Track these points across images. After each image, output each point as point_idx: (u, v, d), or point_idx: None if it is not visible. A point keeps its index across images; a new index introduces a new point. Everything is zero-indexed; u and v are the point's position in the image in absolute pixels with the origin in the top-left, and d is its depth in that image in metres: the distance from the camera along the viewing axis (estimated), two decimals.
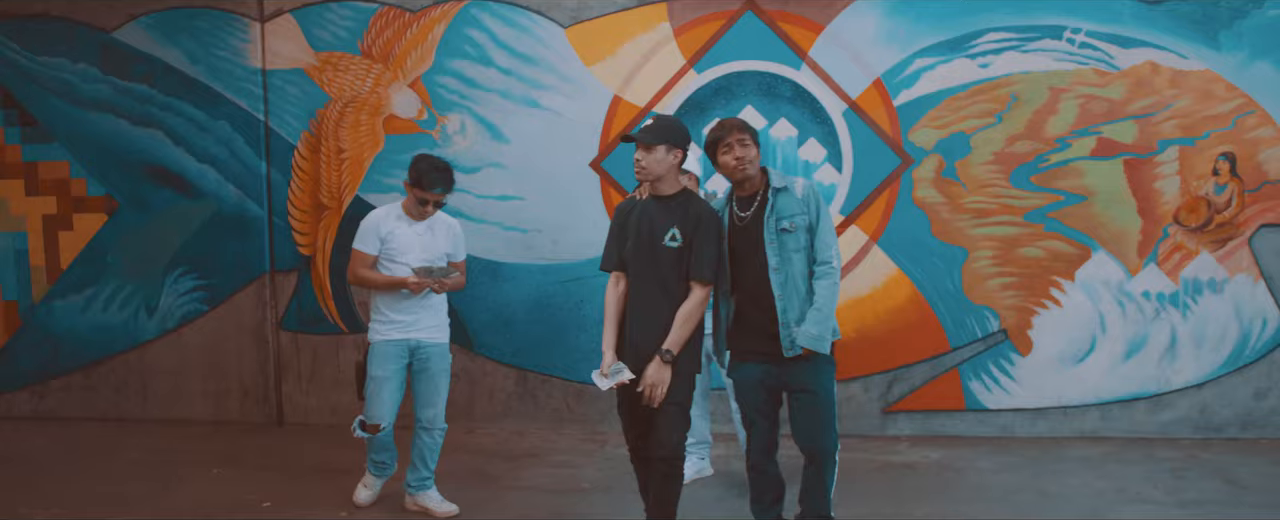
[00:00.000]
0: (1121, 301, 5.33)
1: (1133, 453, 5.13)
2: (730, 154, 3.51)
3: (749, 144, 3.52)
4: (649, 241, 3.52)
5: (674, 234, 3.50)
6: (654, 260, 3.52)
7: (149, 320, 6.00)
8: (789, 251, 3.51)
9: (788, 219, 3.51)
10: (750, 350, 3.59)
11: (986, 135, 5.29)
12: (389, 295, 4.20)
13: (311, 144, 5.77)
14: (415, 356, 4.25)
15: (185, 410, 6.02)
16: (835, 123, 5.36)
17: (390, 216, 4.22)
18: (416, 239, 4.21)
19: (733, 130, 3.52)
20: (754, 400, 3.63)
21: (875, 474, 4.90)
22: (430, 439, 4.32)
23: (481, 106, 5.59)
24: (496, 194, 5.62)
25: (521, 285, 5.64)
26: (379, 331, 4.23)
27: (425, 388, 4.28)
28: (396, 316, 4.20)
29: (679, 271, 3.51)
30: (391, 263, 4.19)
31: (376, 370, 4.20)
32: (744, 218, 3.58)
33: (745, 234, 3.56)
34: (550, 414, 5.72)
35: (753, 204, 3.57)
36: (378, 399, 4.21)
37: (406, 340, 4.22)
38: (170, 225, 5.92)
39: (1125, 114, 5.21)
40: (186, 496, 4.67)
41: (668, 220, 3.52)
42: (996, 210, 5.32)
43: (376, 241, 4.18)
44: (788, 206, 3.53)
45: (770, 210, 3.53)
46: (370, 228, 4.20)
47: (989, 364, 5.40)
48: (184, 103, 5.84)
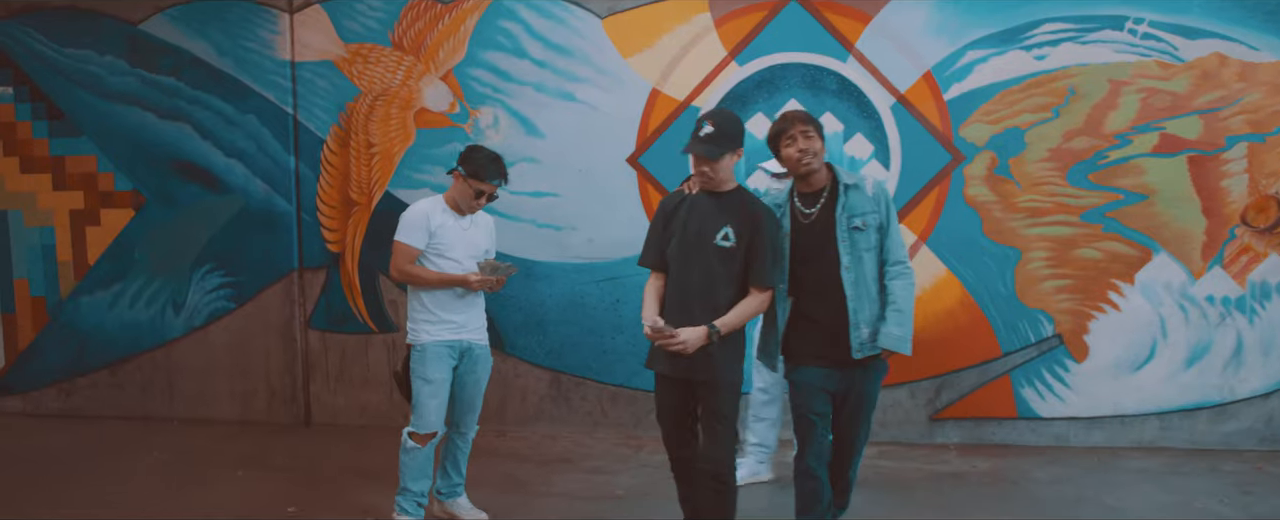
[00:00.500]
0: (1184, 306, 5.08)
1: (1195, 465, 4.89)
2: (793, 146, 3.34)
3: (813, 136, 3.35)
4: (697, 239, 3.34)
5: (727, 233, 3.32)
6: (702, 259, 3.33)
7: (176, 318, 5.91)
8: (861, 251, 3.37)
9: (859, 217, 3.37)
10: (813, 354, 3.43)
11: (1042, 131, 5.06)
12: (440, 294, 3.95)
13: (341, 138, 5.64)
14: (465, 359, 4.03)
15: (212, 410, 5.92)
16: (883, 117, 5.16)
17: (437, 209, 3.97)
18: (462, 234, 3.99)
19: (796, 122, 3.35)
20: (814, 403, 3.46)
21: (923, 484, 4.69)
22: (464, 443, 4.16)
23: (515, 100, 5.44)
24: (530, 190, 5.46)
25: (555, 284, 5.48)
26: (428, 333, 3.94)
27: (471, 391, 4.09)
28: (449, 317, 3.95)
29: (728, 272, 3.32)
30: (439, 258, 3.95)
31: (432, 374, 3.92)
32: (810, 215, 3.42)
33: (811, 232, 3.40)
34: (584, 417, 5.56)
35: (819, 201, 3.42)
36: (434, 405, 3.93)
37: (459, 342, 3.98)
38: (197, 221, 5.82)
39: (1190, 108, 4.96)
40: (208, 499, 4.55)
41: (721, 218, 3.34)
42: (1052, 209, 5.09)
43: (425, 235, 3.91)
44: (859, 204, 3.39)
45: (841, 208, 3.38)
46: (418, 220, 3.93)
47: (1042, 370, 5.18)
48: (211, 96, 5.73)
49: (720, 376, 3.34)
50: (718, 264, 3.32)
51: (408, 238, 3.92)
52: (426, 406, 3.93)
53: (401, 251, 3.93)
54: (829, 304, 3.38)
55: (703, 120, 3.32)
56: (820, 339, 3.40)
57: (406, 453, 3.97)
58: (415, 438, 3.95)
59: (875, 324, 3.38)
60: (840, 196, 3.39)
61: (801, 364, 3.46)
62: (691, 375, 3.35)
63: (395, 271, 3.97)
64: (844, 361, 3.39)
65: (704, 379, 3.35)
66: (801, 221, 3.42)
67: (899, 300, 3.39)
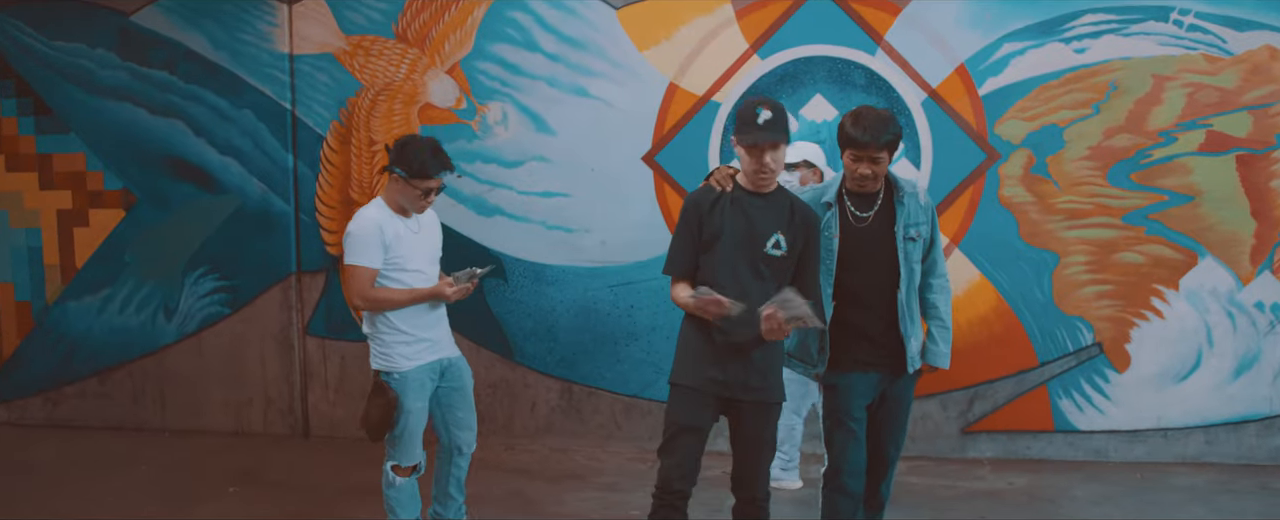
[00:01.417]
0: (1231, 313, 4.81)
1: (1244, 482, 4.62)
2: (861, 165, 3.14)
3: (883, 160, 3.15)
4: (747, 246, 3.01)
5: (778, 240, 3.03)
6: (752, 270, 3.01)
7: (168, 324, 5.65)
8: (912, 263, 3.25)
9: (914, 227, 3.24)
10: (858, 360, 3.25)
11: (1081, 128, 4.80)
12: (410, 312, 3.51)
13: (341, 135, 5.38)
14: (446, 376, 3.65)
15: (205, 421, 5.66)
16: (913, 113, 4.90)
17: (387, 218, 3.47)
18: (415, 239, 3.54)
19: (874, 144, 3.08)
20: (854, 408, 3.28)
21: (956, 502, 4.43)
22: (465, 463, 3.82)
23: (525, 95, 5.18)
24: (540, 190, 5.20)
25: (567, 289, 5.22)
26: (408, 357, 3.51)
27: (463, 409, 3.74)
28: (424, 334, 3.54)
29: (777, 284, 2.99)
30: (400, 273, 3.49)
31: (413, 403, 3.52)
32: (864, 219, 3.23)
33: (864, 237, 3.22)
34: (597, 430, 5.29)
35: (874, 205, 3.22)
36: (417, 435, 3.56)
37: (439, 361, 3.61)
38: (191, 222, 5.57)
39: (1239, 104, 4.71)
40: (196, 517, 4.28)
41: (770, 223, 3.03)
42: (1092, 211, 4.82)
43: (381, 251, 3.43)
44: (915, 214, 3.26)
45: (899, 217, 3.21)
46: (371, 235, 3.41)
47: (1081, 381, 4.92)
48: (206, 91, 5.48)
49: (773, 395, 3.07)
50: (770, 277, 3.03)
51: (364, 259, 3.42)
52: (412, 439, 3.56)
53: (361, 276, 3.42)
54: (876, 314, 3.23)
55: (756, 107, 2.99)
56: (866, 347, 3.24)
57: (391, 487, 3.61)
58: (399, 471, 3.60)
59: (920, 338, 3.30)
60: (898, 205, 3.23)
61: (843, 370, 3.25)
62: (740, 394, 3.04)
63: (358, 300, 3.45)
64: (888, 370, 3.27)
65: (756, 398, 3.05)
66: (854, 225, 3.23)
67: (944, 315, 3.33)
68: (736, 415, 3.10)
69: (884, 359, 3.25)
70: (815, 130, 4.93)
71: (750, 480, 3.11)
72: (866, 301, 3.22)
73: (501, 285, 5.27)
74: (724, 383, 3.04)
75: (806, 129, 4.94)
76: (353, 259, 3.43)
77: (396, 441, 3.56)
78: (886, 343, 3.23)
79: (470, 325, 5.25)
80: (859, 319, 3.22)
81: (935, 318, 3.31)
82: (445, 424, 3.73)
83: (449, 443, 3.76)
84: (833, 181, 3.30)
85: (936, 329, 3.30)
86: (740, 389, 3.05)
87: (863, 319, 3.22)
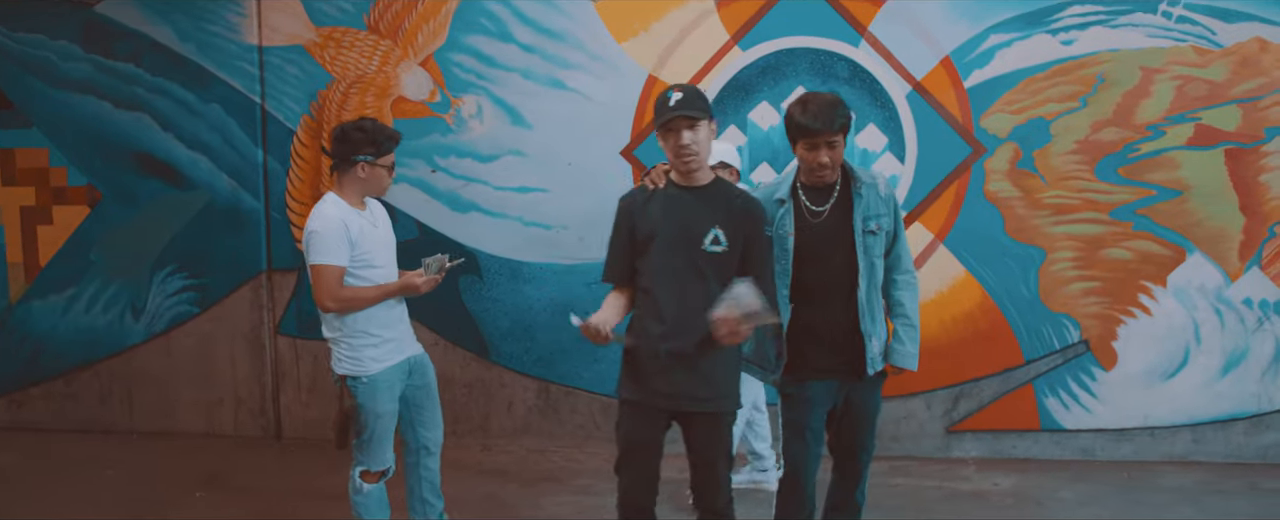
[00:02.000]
0: (1219, 310, 4.73)
1: (1233, 481, 4.55)
2: (815, 154, 2.97)
3: (838, 146, 2.99)
4: (683, 245, 2.83)
5: (717, 236, 2.83)
6: (690, 269, 2.83)
7: (135, 323, 5.50)
8: (873, 257, 3.07)
9: (874, 219, 3.07)
10: (817, 367, 3.08)
11: (1069, 121, 4.70)
12: (374, 311, 3.37)
13: (313, 129, 5.24)
14: (413, 375, 3.53)
15: (174, 422, 5.52)
16: (898, 106, 4.79)
17: (349, 214, 3.33)
18: (376, 232, 3.43)
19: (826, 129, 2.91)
20: (812, 419, 3.13)
21: (940, 504, 4.34)
22: (436, 463, 3.69)
23: (500, 87, 5.04)
24: (516, 185, 5.08)
25: (544, 287, 5.10)
26: (376, 358, 3.38)
27: (429, 407, 3.62)
28: (390, 334, 3.42)
29: (720, 284, 2.80)
30: (367, 269, 3.36)
31: (385, 407, 3.41)
32: (819, 214, 3.05)
33: (820, 233, 3.05)
34: (575, 430, 5.18)
35: (830, 198, 3.06)
36: (388, 439, 3.45)
37: (406, 360, 3.50)
38: (158, 219, 5.41)
39: (1228, 97, 4.62)
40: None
41: (706, 217, 2.84)
42: (1079, 206, 4.74)
43: (347, 247, 3.28)
44: (874, 205, 3.08)
45: (857, 209, 3.03)
46: (337, 233, 3.27)
47: (1068, 379, 4.83)
48: (173, 84, 5.32)
49: (724, 405, 2.91)
50: (711, 276, 2.83)
51: (332, 257, 3.26)
52: (382, 443, 3.44)
53: (329, 276, 3.26)
54: (835, 313, 3.05)
55: (667, 90, 2.84)
56: (825, 351, 3.07)
57: (359, 493, 3.48)
58: (367, 477, 3.47)
59: (884, 337, 3.13)
60: (856, 196, 3.05)
61: (802, 378, 3.09)
62: (688, 405, 2.87)
63: (329, 301, 3.28)
64: (847, 376, 3.10)
65: (706, 408, 2.88)
66: (809, 220, 3.05)
67: (910, 313, 3.15)
68: (687, 426, 2.94)
69: (842, 364, 3.07)
70: None
71: (707, 492, 2.97)
72: (825, 301, 3.04)
73: (477, 283, 5.14)
74: (670, 395, 2.87)
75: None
76: (319, 258, 3.27)
77: (365, 446, 3.43)
78: (847, 345, 3.05)
79: (445, 323, 5.13)
80: (818, 320, 3.05)
81: (901, 315, 3.13)
82: (412, 424, 3.59)
83: (417, 443, 3.62)
84: (786, 176, 3.12)
85: (902, 328, 3.12)
86: (687, 400, 2.88)
87: (822, 320, 3.05)
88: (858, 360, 3.06)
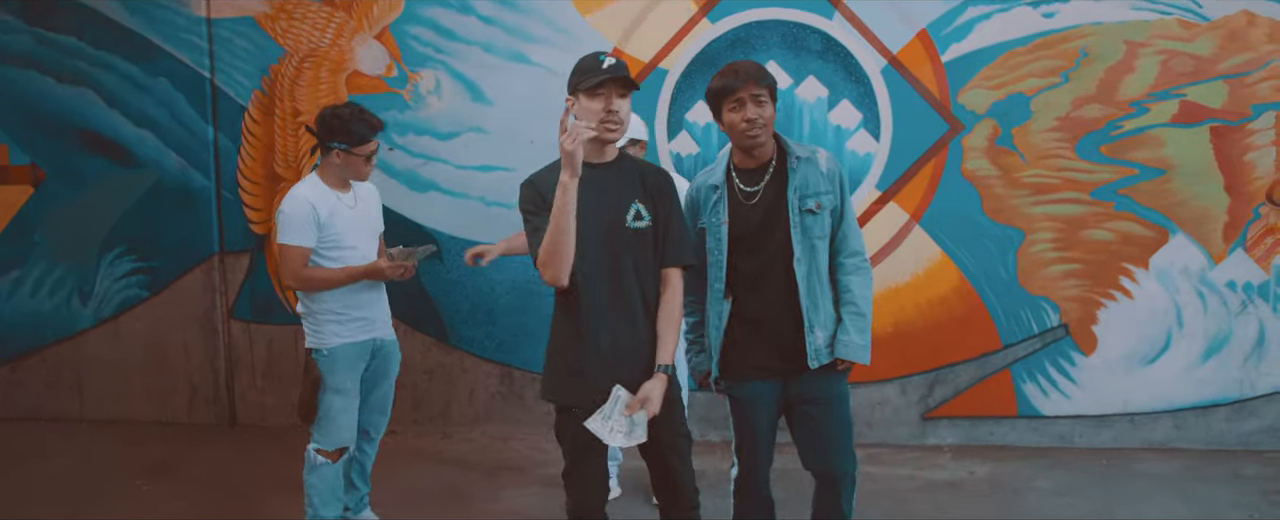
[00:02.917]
0: (1202, 293, 4.60)
1: (1214, 468, 4.42)
2: (740, 112, 2.73)
3: (765, 101, 2.74)
4: (608, 225, 2.63)
5: (638, 210, 2.65)
6: (617, 249, 2.63)
7: (83, 308, 5.31)
8: (813, 238, 2.81)
9: (813, 197, 2.81)
10: (757, 366, 2.85)
11: (1049, 98, 4.53)
12: (344, 291, 3.41)
13: (264, 105, 5.03)
14: (376, 358, 3.55)
15: (125, 410, 5.33)
16: (873, 82, 4.61)
17: (321, 195, 3.38)
18: (352, 215, 3.46)
19: (747, 81, 2.72)
20: (760, 422, 2.90)
21: (915, 494, 4.20)
22: (372, 449, 3.71)
23: (460, 61, 4.84)
24: (477, 164, 4.88)
25: (505, 269, 4.91)
26: (338, 334, 3.40)
27: (384, 392, 3.65)
28: (357, 313, 3.44)
29: (651, 259, 2.67)
30: (336, 250, 3.39)
31: (344, 383, 3.42)
32: (752, 194, 2.82)
33: (754, 215, 2.81)
34: (539, 417, 4.99)
35: (763, 177, 2.82)
36: (346, 417, 3.43)
37: (370, 340, 3.50)
38: (105, 199, 5.21)
39: (1214, 73, 4.46)
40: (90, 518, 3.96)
41: (622, 193, 2.65)
42: (1059, 185, 4.57)
43: (315, 229, 3.34)
44: (813, 181, 2.82)
45: (793, 186, 2.80)
46: (304, 214, 3.32)
47: (1046, 364, 4.69)
48: (117, 58, 5.10)
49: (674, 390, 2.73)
50: (639, 253, 2.65)
51: (297, 238, 3.33)
52: (338, 421, 3.43)
53: (293, 256, 3.33)
54: (775, 302, 2.81)
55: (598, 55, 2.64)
56: (765, 347, 2.83)
57: (314, 472, 3.43)
58: (324, 454, 3.42)
59: (830, 327, 2.85)
60: (791, 172, 2.81)
61: (743, 378, 2.88)
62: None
63: (290, 279, 3.37)
64: (792, 372, 2.85)
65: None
66: (743, 203, 2.82)
67: (858, 300, 2.85)
68: None
69: (786, 362, 2.83)
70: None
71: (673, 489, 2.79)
72: (761, 290, 2.81)
73: (437, 265, 4.96)
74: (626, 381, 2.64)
75: None
76: (284, 238, 3.34)
77: (320, 422, 3.44)
78: (792, 340, 2.81)
79: (404, 307, 4.92)
80: (755, 312, 2.83)
81: (848, 303, 2.84)
82: (361, 407, 3.55)
83: (361, 427, 3.60)
84: (719, 161, 2.90)
85: (849, 316, 2.83)
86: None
87: (759, 311, 2.82)
88: (800, 356, 2.81)
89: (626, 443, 2.62)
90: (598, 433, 2.60)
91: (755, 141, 2.77)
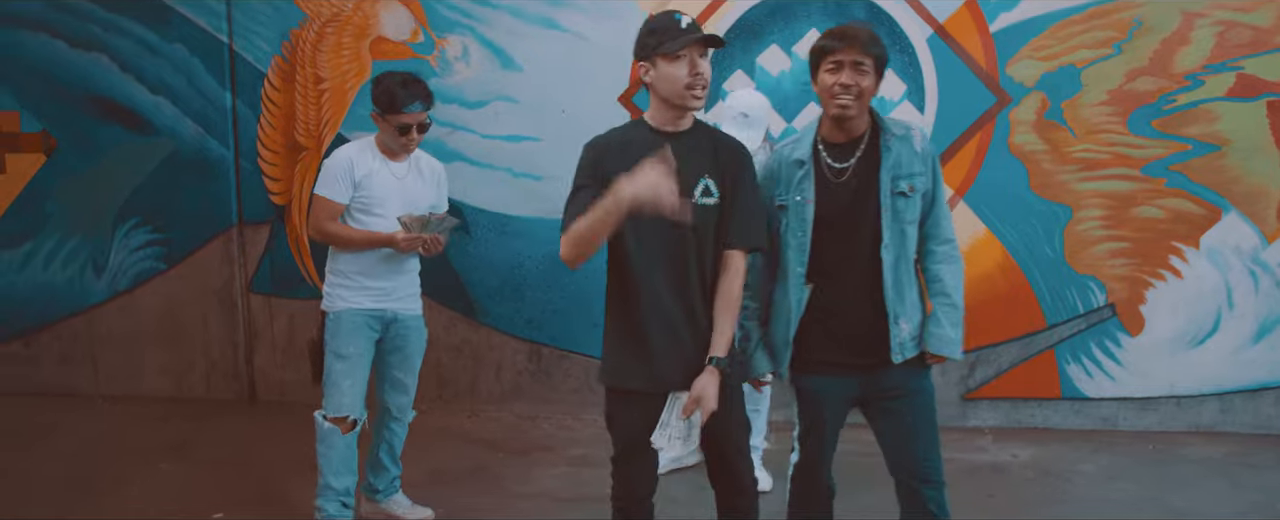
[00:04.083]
0: (1254, 272, 4.46)
1: (1263, 455, 4.31)
2: (838, 75, 2.48)
3: (868, 71, 2.50)
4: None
5: (707, 186, 2.44)
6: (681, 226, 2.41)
7: (97, 280, 5.19)
8: (904, 223, 2.57)
9: (906, 179, 2.56)
10: (833, 362, 2.62)
11: (1101, 70, 4.38)
12: (363, 257, 3.35)
13: (285, 72, 4.88)
14: (390, 331, 3.43)
15: (141, 385, 5.22)
16: (918, 51, 4.47)
17: (366, 154, 3.34)
18: (397, 184, 3.36)
19: (852, 44, 2.47)
20: (829, 418, 2.68)
21: (959, 479, 3.99)
22: (400, 429, 3.57)
23: (488, 27, 4.69)
24: (506, 134, 4.74)
25: (536, 243, 4.78)
26: (345, 298, 3.35)
27: (400, 369, 3.50)
28: (370, 282, 3.36)
29: (716, 240, 2.47)
30: (365, 214, 3.33)
31: (345, 348, 3.34)
32: (841, 171, 2.59)
33: (841, 195, 2.57)
34: (568, 395, 4.90)
35: (854, 154, 2.58)
36: (346, 385, 3.34)
37: (381, 311, 3.38)
38: (119, 168, 5.08)
39: (1273, 45, 4.32)
40: (114, 503, 3.81)
41: (693, 166, 2.42)
42: (1109, 161, 4.43)
43: (349, 186, 3.30)
44: (906, 162, 2.57)
45: (885, 166, 2.56)
46: (340, 169, 3.31)
47: (1091, 345, 4.56)
48: (132, 21, 4.96)
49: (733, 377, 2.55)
50: (703, 232, 2.45)
51: (328, 190, 3.32)
52: (339, 386, 3.34)
53: (321, 206, 3.33)
54: (854, 291, 2.58)
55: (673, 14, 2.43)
56: (844, 342, 2.61)
57: (323, 440, 3.37)
58: (331, 420, 3.37)
59: (915, 319, 2.61)
60: (884, 150, 2.57)
61: (813, 371, 2.65)
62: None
63: (313, 230, 3.40)
64: (871, 367, 2.61)
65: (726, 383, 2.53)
66: (830, 180, 2.58)
67: (952, 291, 2.64)
68: None
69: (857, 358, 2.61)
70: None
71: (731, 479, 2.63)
72: (845, 279, 2.58)
73: (464, 239, 4.82)
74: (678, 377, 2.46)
75: (800, 67, 4.48)
76: (318, 189, 3.35)
77: (325, 386, 3.39)
78: (867, 335, 2.58)
79: (429, 282, 4.73)
80: (834, 301, 2.60)
81: (941, 294, 2.63)
82: (381, 382, 3.49)
83: (381, 403, 3.52)
84: (806, 132, 2.66)
85: (941, 307, 2.61)
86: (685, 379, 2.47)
87: (838, 300, 2.60)
88: (882, 350, 2.58)
89: (685, 449, 2.50)
90: (659, 445, 2.48)
91: (845, 111, 2.52)
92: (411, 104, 3.24)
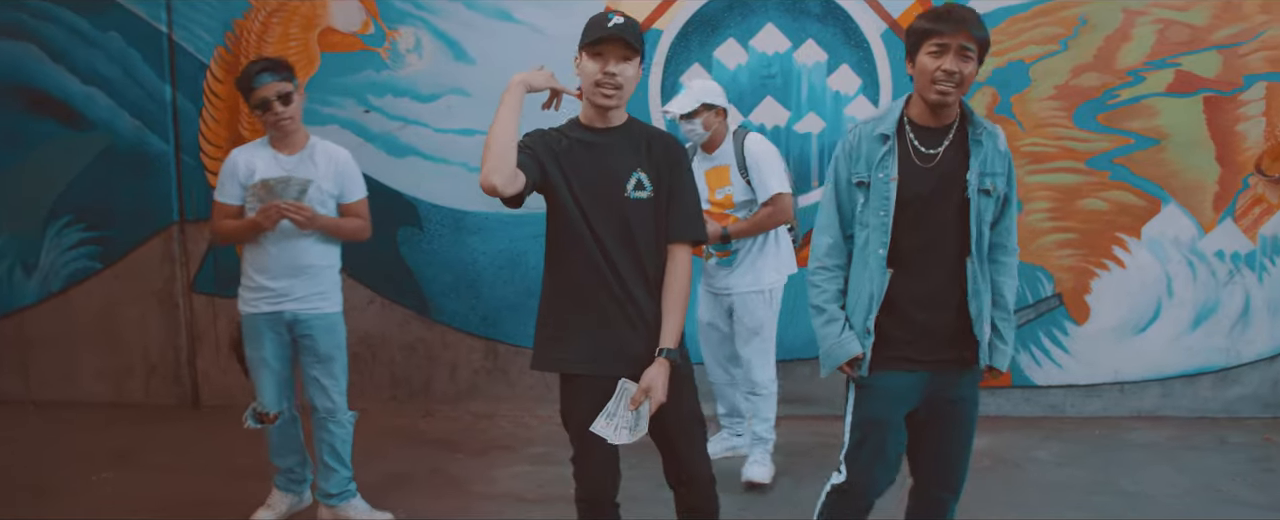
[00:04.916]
0: (1192, 262, 4.62)
1: (1201, 437, 4.47)
2: (939, 59, 2.35)
3: (972, 58, 2.37)
4: (605, 194, 2.47)
5: (640, 180, 2.48)
6: (616, 221, 2.46)
7: (27, 281, 5.00)
8: (983, 223, 2.45)
9: (990, 177, 2.44)
10: (904, 356, 2.47)
11: (1049, 65, 4.49)
12: (254, 253, 3.32)
13: (228, 64, 4.72)
14: (296, 332, 3.36)
15: (77, 391, 5.01)
16: (872, 46, 4.51)
17: (255, 153, 3.33)
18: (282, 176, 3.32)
19: (960, 28, 2.34)
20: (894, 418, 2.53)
21: None
22: (339, 430, 3.45)
23: (441, 19, 4.61)
24: (459, 127, 4.66)
25: (490, 239, 4.72)
26: (247, 301, 3.37)
27: (316, 369, 3.40)
28: (264, 281, 3.30)
29: (653, 233, 2.49)
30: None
31: (252, 350, 3.40)
32: (929, 156, 2.44)
33: (928, 179, 2.43)
34: (525, 393, 4.84)
35: (944, 140, 2.45)
36: (262, 382, 3.41)
37: (278, 313, 3.32)
38: (51, 163, 4.88)
39: (1209, 43, 4.46)
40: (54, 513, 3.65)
41: (623, 161, 2.48)
42: (1056, 154, 4.54)
43: (236, 187, 3.29)
44: (992, 160, 2.46)
45: (975, 158, 2.43)
46: (227, 170, 3.33)
47: (1040, 334, 4.67)
48: (62, 8, 4.77)
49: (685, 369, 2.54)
50: (639, 226, 2.47)
51: (218, 193, 3.36)
52: (260, 385, 3.42)
53: (215, 210, 3.37)
54: (936, 284, 2.46)
55: (608, 13, 2.45)
56: (918, 334, 2.47)
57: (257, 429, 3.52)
58: (258, 416, 3.46)
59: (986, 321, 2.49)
60: (974, 144, 2.43)
61: (883, 367, 2.49)
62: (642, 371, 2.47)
63: (210, 233, 3.47)
64: (943, 364, 2.48)
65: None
66: (917, 165, 2.43)
67: (1011, 307, 2.55)
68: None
69: (932, 353, 2.47)
70: (766, 63, 4.50)
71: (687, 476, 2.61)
72: (924, 269, 2.45)
73: (417, 234, 4.72)
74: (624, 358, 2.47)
75: (757, 61, 4.50)
76: (214, 193, 3.41)
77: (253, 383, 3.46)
78: (943, 330, 2.46)
79: (381, 279, 4.72)
80: (914, 291, 2.46)
81: (1003, 308, 2.52)
82: (305, 382, 3.46)
83: (309, 403, 3.48)
84: (893, 109, 2.52)
85: (1004, 322, 2.51)
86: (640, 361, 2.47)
87: (918, 291, 2.46)
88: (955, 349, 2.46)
89: (631, 439, 2.46)
90: (603, 433, 2.44)
91: (944, 98, 2.38)
92: (259, 75, 3.17)
